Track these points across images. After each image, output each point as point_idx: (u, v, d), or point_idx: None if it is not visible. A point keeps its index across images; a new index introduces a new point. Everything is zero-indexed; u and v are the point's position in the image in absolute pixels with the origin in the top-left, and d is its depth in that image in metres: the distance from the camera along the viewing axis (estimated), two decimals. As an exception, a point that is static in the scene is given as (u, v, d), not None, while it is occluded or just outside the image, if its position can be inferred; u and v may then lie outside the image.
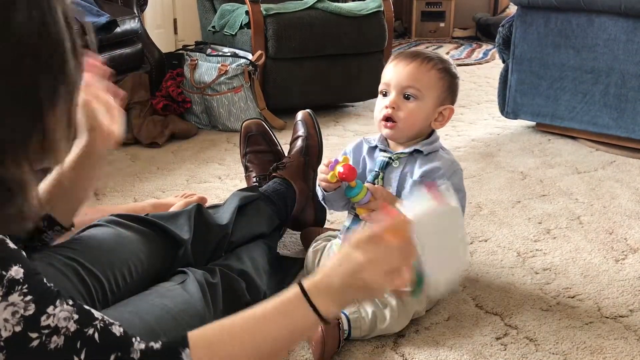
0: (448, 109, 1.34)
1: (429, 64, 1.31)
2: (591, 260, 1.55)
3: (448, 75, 1.34)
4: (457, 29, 5.71)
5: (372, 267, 0.80)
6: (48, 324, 0.69)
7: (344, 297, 0.83)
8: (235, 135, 2.63)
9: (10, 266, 0.69)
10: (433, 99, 1.31)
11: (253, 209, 1.45)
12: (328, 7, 2.85)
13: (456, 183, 1.32)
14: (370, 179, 1.35)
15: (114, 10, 2.55)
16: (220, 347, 0.79)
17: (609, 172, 2.19)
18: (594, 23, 2.34)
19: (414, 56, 1.33)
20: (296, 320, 0.82)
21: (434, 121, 1.34)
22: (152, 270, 1.17)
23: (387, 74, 1.34)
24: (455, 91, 1.37)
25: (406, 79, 1.30)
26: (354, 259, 0.81)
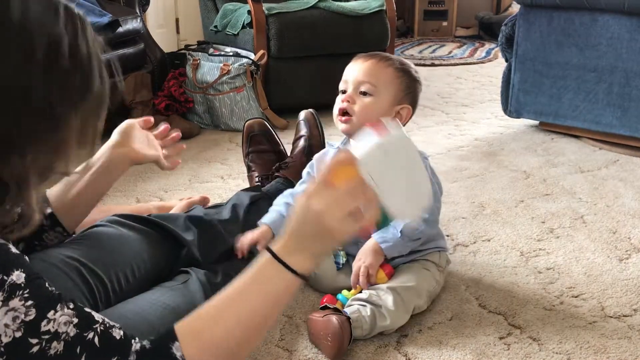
0: (406, 108, 1.35)
1: (386, 62, 1.34)
2: (595, 259, 1.55)
3: (406, 76, 1.35)
4: (459, 28, 5.70)
5: (330, 213, 0.78)
6: (48, 329, 0.69)
7: (313, 249, 0.82)
8: (238, 135, 2.63)
9: (12, 271, 0.69)
10: (389, 96, 1.33)
11: (256, 209, 1.45)
12: (330, 7, 2.84)
13: None
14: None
15: (116, 10, 2.55)
16: (206, 332, 0.79)
17: (612, 171, 2.18)
18: (597, 22, 2.34)
19: (373, 55, 1.37)
20: (274, 285, 0.81)
21: (391, 120, 1.34)
22: (155, 270, 1.18)
23: (346, 72, 1.38)
24: (415, 94, 1.38)
25: (362, 75, 1.33)
26: (311, 209, 0.79)
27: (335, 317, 1.15)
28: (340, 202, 0.78)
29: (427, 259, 1.33)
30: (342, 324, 1.15)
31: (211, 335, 0.78)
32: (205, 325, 0.79)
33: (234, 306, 0.80)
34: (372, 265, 1.27)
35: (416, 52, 4.84)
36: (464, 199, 1.92)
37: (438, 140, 2.57)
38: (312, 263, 0.82)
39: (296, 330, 1.26)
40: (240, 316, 0.80)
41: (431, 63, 4.36)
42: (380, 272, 1.28)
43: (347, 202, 0.78)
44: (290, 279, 0.80)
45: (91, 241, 1.11)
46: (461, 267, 1.51)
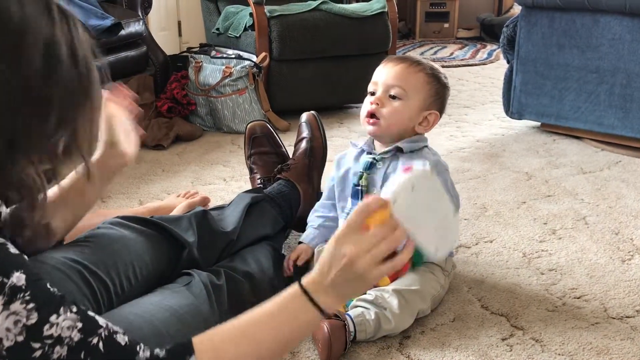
0: (433, 114, 1.35)
1: (417, 67, 1.34)
2: (597, 260, 1.55)
3: (436, 81, 1.35)
4: (461, 30, 5.69)
5: (361, 258, 0.80)
6: (51, 334, 0.69)
7: (342, 292, 0.83)
8: (240, 137, 2.63)
9: (11, 273, 0.68)
10: (418, 101, 1.33)
11: (258, 210, 1.45)
12: (332, 9, 2.85)
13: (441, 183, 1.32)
14: (355, 181, 1.37)
15: (118, 13, 2.56)
16: (225, 351, 0.79)
17: (614, 172, 2.18)
18: (599, 23, 2.34)
19: (404, 59, 1.37)
20: (298, 318, 0.82)
21: (418, 125, 1.35)
22: (157, 271, 1.18)
23: (376, 74, 1.38)
24: (444, 100, 1.38)
25: (393, 78, 1.33)
26: (341, 255, 0.81)
27: (326, 324, 1.14)
28: (372, 246, 0.79)
29: (434, 262, 1.33)
30: (333, 331, 1.14)
31: (228, 352, 0.79)
32: (225, 345, 0.79)
33: (257, 332, 0.81)
34: None
35: (417, 54, 4.84)
36: (466, 200, 1.92)
37: (440, 142, 2.57)
38: (339, 304, 0.84)
39: (299, 331, 1.26)
40: (261, 342, 0.80)
41: (433, 65, 4.36)
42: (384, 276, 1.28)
43: (379, 247, 0.79)
44: (315, 315, 0.82)
45: (93, 243, 1.11)
46: (464, 269, 1.51)
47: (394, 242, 0.80)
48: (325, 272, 0.82)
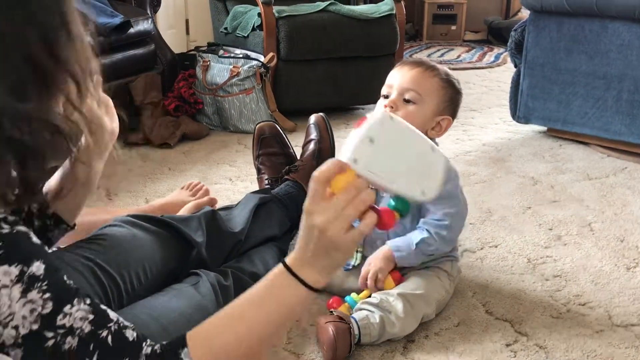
0: (446, 119, 1.36)
1: (432, 72, 1.35)
2: (602, 267, 1.55)
3: (451, 87, 1.36)
4: (468, 32, 5.69)
5: (331, 226, 0.77)
6: (64, 324, 0.70)
7: (323, 263, 0.81)
8: (246, 137, 2.64)
9: (32, 262, 0.69)
10: (432, 106, 1.33)
11: (265, 211, 1.46)
12: (340, 10, 2.85)
13: (452, 190, 1.33)
14: None
15: (127, 10, 2.57)
16: (216, 339, 0.79)
17: (620, 178, 2.18)
18: (607, 29, 2.33)
19: (419, 63, 1.37)
20: (286, 296, 0.81)
21: (430, 129, 1.36)
22: (166, 270, 1.19)
23: (390, 77, 1.38)
24: (457, 105, 1.39)
25: (408, 82, 1.33)
26: (312, 226, 0.78)
27: (332, 327, 1.15)
28: (339, 212, 0.76)
29: (440, 266, 1.34)
30: (338, 334, 1.15)
31: (221, 342, 0.79)
32: (216, 331, 0.80)
33: (246, 315, 0.81)
34: (382, 270, 1.28)
35: (424, 56, 4.84)
36: (472, 204, 1.91)
37: (446, 145, 2.57)
38: (325, 276, 0.82)
39: (304, 333, 1.27)
40: (251, 325, 0.80)
41: (440, 67, 4.36)
42: (389, 278, 1.29)
43: (347, 211, 0.76)
44: (302, 292, 0.81)
45: (105, 242, 1.12)
46: (468, 273, 1.51)
47: (361, 204, 0.77)
48: (303, 247, 0.81)
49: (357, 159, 0.76)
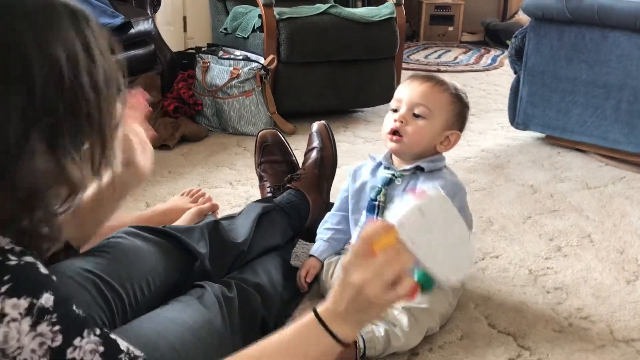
0: (455, 134, 1.36)
1: (442, 87, 1.35)
2: (602, 280, 1.56)
3: (460, 102, 1.36)
4: (465, 33, 5.70)
5: (369, 285, 0.79)
6: (74, 357, 0.69)
7: (355, 319, 0.83)
8: (246, 139, 2.64)
9: (41, 293, 0.69)
10: (441, 121, 1.33)
11: (268, 221, 1.45)
12: (341, 13, 2.85)
13: (459, 204, 1.34)
14: (373, 195, 1.37)
15: (127, 10, 2.55)
16: None
17: (619, 188, 2.19)
18: (608, 38, 2.34)
19: (429, 78, 1.37)
20: (315, 347, 0.82)
21: (439, 144, 1.36)
22: (169, 282, 1.18)
23: (400, 91, 1.38)
24: (465, 119, 1.40)
25: (418, 97, 1.33)
26: (351, 282, 0.80)
27: None
28: (379, 272, 0.78)
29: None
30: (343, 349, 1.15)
31: None
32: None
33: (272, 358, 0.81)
34: None
35: (422, 57, 4.84)
36: (472, 213, 1.90)
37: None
38: (355, 331, 0.83)
39: (307, 345, 1.27)
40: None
41: (437, 69, 4.37)
42: None
43: (386, 272, 0.78)
44: (331, 344, 0.81)
45: (108, 254, 1.11)
46: (470, 284, 1.51)
47: (398, 267, 0.79)
48: (338, 300, 0.82)
49: (404, 225, 0.80)
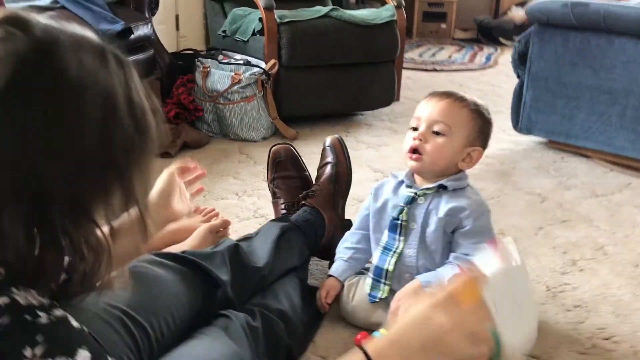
0: (477, 151, 1.34)
1: (461, 103, 1.33)
2: (621, 297, 1.55)
3: (480, 117, 1.34)
4: (458, 30, 5.69)
5: (456, 331, 0.76)
6: None
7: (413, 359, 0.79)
8: (247, 145, 2.60)
9: (76, 351, 0.66)
10: (462, 137, 1.31)
11: (286, 242, 1.42)
12: (342, 16, 2.81)
13: (483, 225, 1.33)
14: (395, 214, 1.35)
15: (126, 15, 2.49)
16: None
17: (626, 196, 2.19)
18: (614, 44, 2.33)
19: (448, 94, 1.35)
20: None
21: (461, 161, 1.34)
22: (193, 313, 1.15)
23: (419, 109, 1.36)
24: (487, 135, 1.37)
25: (437, 114, 1.31)
26: (436, 322, 0.77)
27: None
28: (465, 322, 0.76)
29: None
30: None
31: None
32: None
33: None
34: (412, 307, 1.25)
35: (416, 56, 4.81)
36: (484, 224, 1.91)
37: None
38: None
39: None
40: None
41: (433, 68, 4.35)
42: None
43: (471, 325, 0.76)
44: None
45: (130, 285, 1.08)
46: (489, 302, 1.50)
47: (484, 324, 0.77)
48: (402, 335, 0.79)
49: (489, 284, 0.79)
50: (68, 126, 0.65)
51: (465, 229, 1.29)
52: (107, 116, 0.67)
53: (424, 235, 1.32)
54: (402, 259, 1.33)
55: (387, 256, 1.34)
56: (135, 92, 0.72)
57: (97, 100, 0.66)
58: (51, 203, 0.66)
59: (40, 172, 0.64)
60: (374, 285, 1.36)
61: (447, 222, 1.30)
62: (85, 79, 0.66)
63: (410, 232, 1.33)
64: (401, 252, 1.33)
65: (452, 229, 1.31)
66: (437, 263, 1.32)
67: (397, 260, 1.33)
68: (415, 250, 1.32)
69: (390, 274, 1.34)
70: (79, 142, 0.66)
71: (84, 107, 0.66)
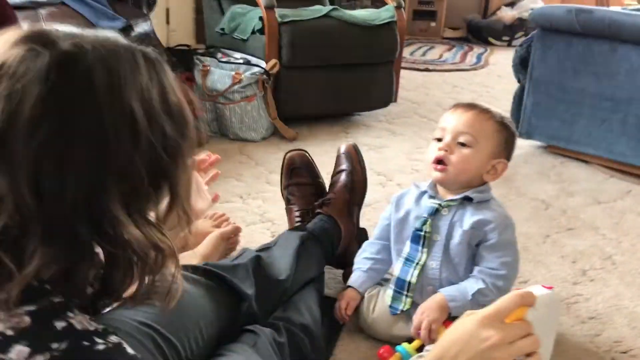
0: (501, 163, 1.33)
1: (486, 115, 1.32)
2: (634, 308, 1.56)
3: (505, 130, 1.33)
4: (447, 29, 5.69)
5: (501, 348, 0.78)
6: None
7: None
8: (247, 146, 2.57)
9: None
10: (487, 149, 1.30)
11: (305, 252, 1.40)
12: (343, 16, 2.78)
13: (508, 238, 1.32)
14: (418, 225, 1.33)
15: (125, 11, 2.43)
16: None
17: (628, 203, 2.20)
18: (617, 51, 2.34)
19: (473, 106, 1.34)
20: None
21: (485, 173, 1.33)
22: (219, 328, 1.13)
23: (444, 120, 1.35)
24: (512, 148, 1.36)
25: (463, 125, 1.30)
26: (480, 337, 0.78)
27: None
28: (514, 341, 0.77)
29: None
30: None
31: None
32: None
33: None
34: (436, 321, 1.25)
35: (407, 54, 4.80)
36: (492, 232, 1.91)
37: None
38: None
39: (355, 387, 1.24)
40: None
41: (425, 68, 4.34)
42: (442, 329, 1.26)
43: (521, 344, 0.77)
44: None
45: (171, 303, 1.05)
46: (505, 314, 1.50)
47: (531, 346, 0.78)
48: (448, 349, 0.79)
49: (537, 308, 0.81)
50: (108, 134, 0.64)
51: (490, 242, 1.28)
52: (145, 118, 0.66)
53: (447, 248, 1.30)
54: (425, 271, 1.32)
55: (409, 268, 1.33)
56: (170, 89, 0.71)
57: (134, 104, 0.65)
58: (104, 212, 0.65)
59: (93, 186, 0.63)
60: (396, 297, 1.34)
61: (472, 235, 1.29)
62: (119, 86, 0.65)
63: (433, 244, 1.32)
64: (424, 264, 1.32)
65: (477, 242, 1.30)
66: (461, 276, 1.31)
67: (419, 272, 1.32)
68: (438, 263, 1.31)
69: (413, 286, 1.32)
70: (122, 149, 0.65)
71: (121, 113, 0.64)
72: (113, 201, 0.65)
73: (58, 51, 0.63)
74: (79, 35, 0.67)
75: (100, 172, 0.64)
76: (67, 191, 0.62)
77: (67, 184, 0.62)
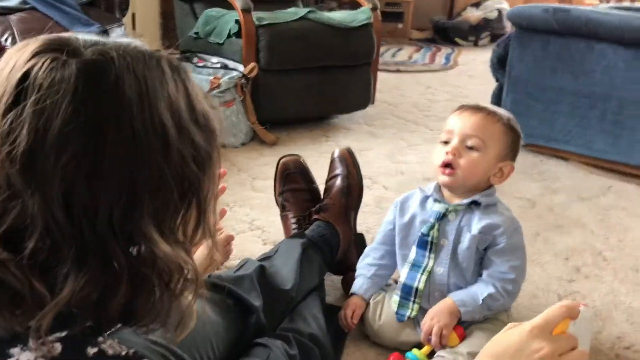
0: (508, 165, 1.32)
1: (494, 117, 1.30)
2: (631, 304, 1.57)
3: (512, 131, 1.32)
4: (414, 31, 5.72)
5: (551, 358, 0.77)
6: None
7: None
8: (227, 152, 2.52)
9: None
10: (495, 152, 1.29)
11: (307, 261, 1.37)
12: (320, 18, 2.76)
13: (517, 242, 1.32)
14: (425, 230, 1.31)
15: (98, 15, 2.36)
16: None
17: (610, 199, 2.23)
18: (594, 49, 2.37)
19: (481, 108, 1.32)
20: None
21: (492, 176, 1.32)
22: (230, 343, 1.10)
23: (451, 122, 1.32)
24: (517, 149, 1.35)
25: (470, 128, 1.28)
26: (536, 348, 0.76)
27: None
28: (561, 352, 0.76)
29: (497, 318, 1.30)
30: None
31: None
32: None
33: None
34: (447, 326, 1.23)
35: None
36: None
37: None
38: None
39: (367, 396, 1.21)
40: None
41: (396, 69, 4.35)
42: (453, 334, 1.24)
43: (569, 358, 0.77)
44: None
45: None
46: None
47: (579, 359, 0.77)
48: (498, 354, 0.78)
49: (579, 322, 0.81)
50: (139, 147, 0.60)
51: (499, 246, 1.27)
52: (174, 128, 0.62)
53: (455, 253, 1.29)
54: (432, 276, 1.30)
55: (416, 273, 1.31)
56: (195, 97, 0.67)
57: (164, 114, 0.61)
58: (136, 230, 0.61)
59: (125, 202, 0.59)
60: (402, 303, 1.32)
61: (481, 240, 1.27)
62: (148, 95, 0.61)
63: (441, 249, 1.30)
64: (431, 270, 1.30)
65: (485, 246, 1.28)
66: (468, 280, 1.30)
67: (427, 278, 1.30)
68: (446, 268, 1.29)
69: (420, 292, 1.30)
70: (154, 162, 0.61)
71: (152, 123, 0.60)
72: (145, 218, 0.61)
73: (83, 60, 0.59)
74: (100, 42, 0.62)
75: (131, 188, 0.60)
76: (100, 208, 0.58)
77: (100, 201, 0.58)
